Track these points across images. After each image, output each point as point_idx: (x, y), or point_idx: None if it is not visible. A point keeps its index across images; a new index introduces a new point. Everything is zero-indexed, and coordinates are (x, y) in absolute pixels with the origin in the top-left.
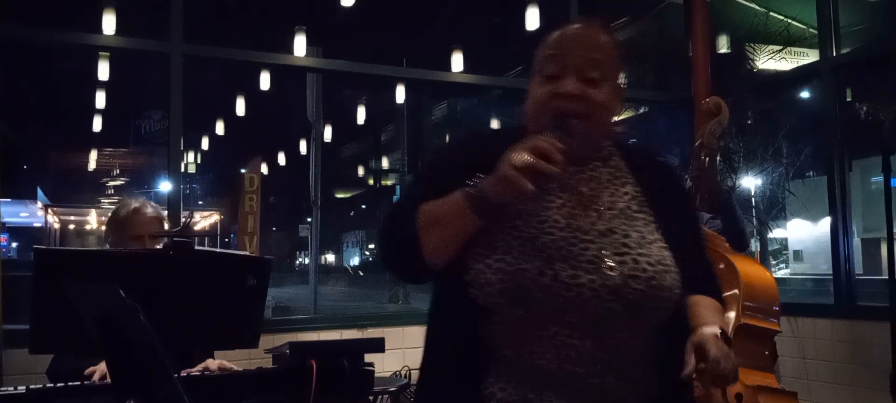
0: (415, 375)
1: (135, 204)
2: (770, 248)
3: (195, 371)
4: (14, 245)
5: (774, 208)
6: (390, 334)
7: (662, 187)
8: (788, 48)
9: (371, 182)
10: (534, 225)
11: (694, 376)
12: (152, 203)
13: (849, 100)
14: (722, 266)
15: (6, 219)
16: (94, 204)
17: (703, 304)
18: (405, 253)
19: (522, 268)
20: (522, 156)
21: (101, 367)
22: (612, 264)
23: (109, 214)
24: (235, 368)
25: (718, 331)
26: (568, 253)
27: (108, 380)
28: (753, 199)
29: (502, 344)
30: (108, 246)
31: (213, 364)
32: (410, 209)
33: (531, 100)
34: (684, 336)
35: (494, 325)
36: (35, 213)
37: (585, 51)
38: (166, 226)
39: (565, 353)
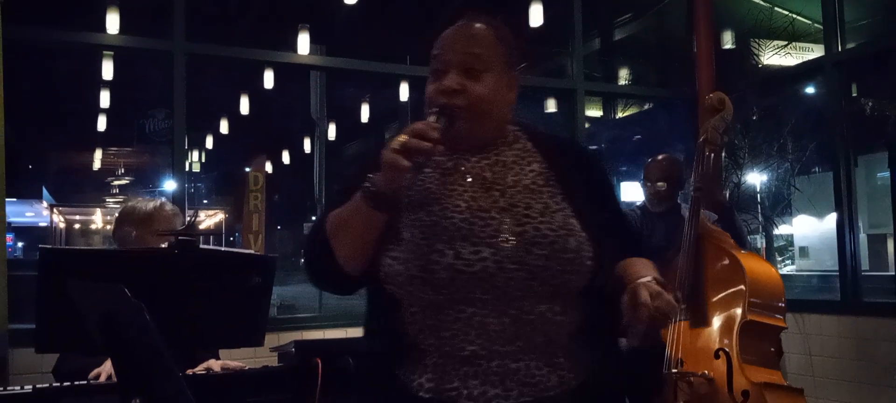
0: None
1: (156, 201)
2: (776, 245)
3: (198, 370)
4: (19, 244)
5: (780, 204)
6: None
7: (571, 163)
8: (793, 43)
9: None
10: (436, 213)
11: (635, 325)
12: (170, 202)
13: (854, 95)
14: (726, 261)
15: (11, 219)
16: (99, 203)
17: (632, 262)
18: (322, 263)
19: (425, 254)
20: (399, 138)
21: (107, 367)
22: (510, 236)
23: (121, 211)
24: (239, 366)
25: (649, 278)
26: (469, 232)
27: (114, 380)
28: (759, 195)
29: (423, 334)
30: (115, 244)
31: (215, 364)
32: (321, 220)
33: (425, 96)
34: (611, 311)
35: (412, 316)
36: (40, 213)
37: (464, 46)
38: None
39: (485, 333)
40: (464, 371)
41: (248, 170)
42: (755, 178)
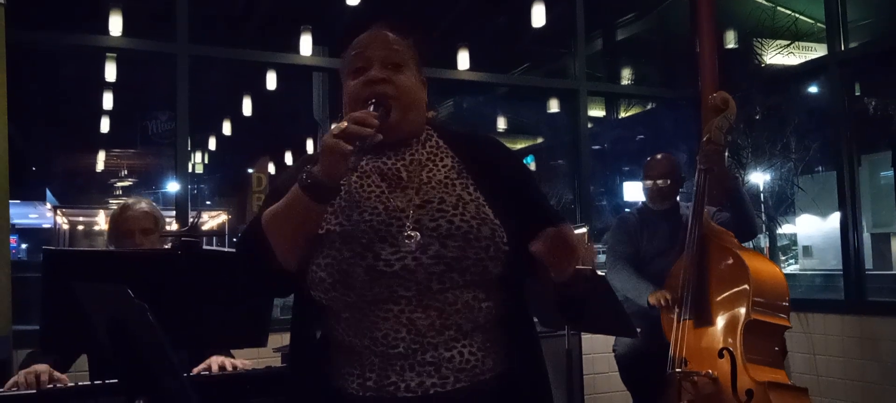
0: None
1: (129, 201)
2: (779, 244)
3: (197, 370)
4: (23, 246)
5: (783, 204)
6: None
7: (482, 155)
8: (796, 43)
9: None
10: (354, 218)
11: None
12: (148, 200)
13: (857, 94)
14: (730, 261)
15: (15, 221)
16: (103, 205)
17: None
18: (257, 260)
19: (346, 258)
20: (339, 125)
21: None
22: (429, 228)
23: None
24: (239, 363)
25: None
26: (387, 234)
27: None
28: (762, 195)
29: (356, 337)
30: (111, 247)
31: (215, 362)
32: (256, 218)
33: (346, 97)
34: (521, 296)
35: (342, 321)
36: (44, 215)
37: (385, 45)
38: (163, 222)
39: (414, 328)
40: (400, 366)
41: (251, 171)
42: (758, 178)
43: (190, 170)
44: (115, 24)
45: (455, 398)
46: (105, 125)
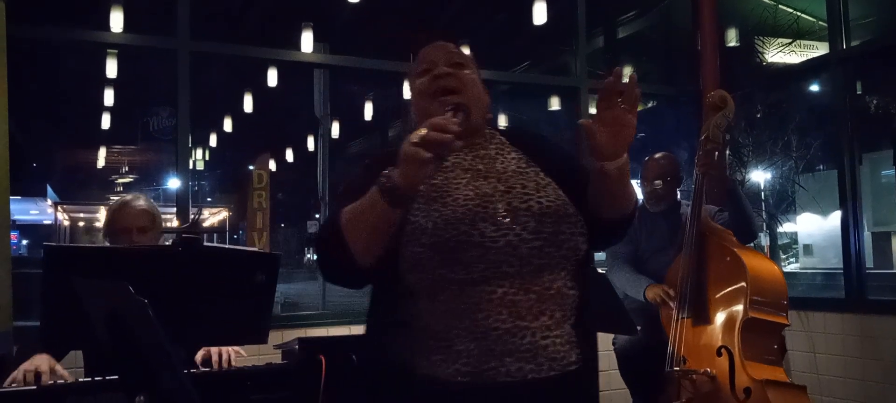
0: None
1: (127, 197)
2: (780, 242)
3: (197, 358)
4: (24, 242)
5: (784, 202)
6: None
7: (540, 148)
8: (798, 41)
9: None
10: (450, 203)
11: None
12: (146, 197)
13: (859, 92)
14: (728, 259)
15: (16, 217)
16: (104, 201)
17: None
18: (335, 257)
19: (452, 236)
20: (419, 132)
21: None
22: (522, 209)
23: None
24: (233, 352)
25: None
26: (485, 214)
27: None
28: (763, 193)
29: (454, 320)
30: (107, 243)
31: (214, 351)
32: (334, 217)
33: (413, 96)
34: (595, 287)
35: (441, 304)
36: (45, 211)
37: (446, 49)
38: (160, 220)
39: (515, 310)
40: (499, 351)
41: (251, 167)
42: (759, 176)
43: (191, 166)
44: (116, 20)
45: (548, 385)
46: (106, 121)
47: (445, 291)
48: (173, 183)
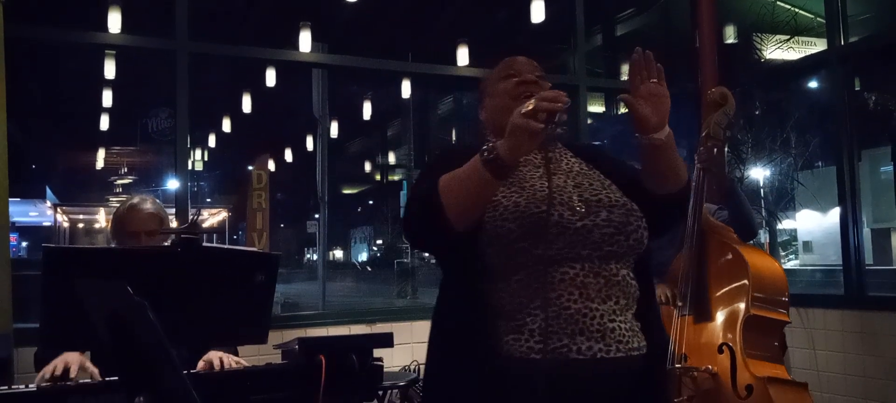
0: (423, 370)
1: (134, 200)
2: (779, 239)
3: (200, 366)
4: (24, 244)
5: (783, 199)
6: (399, 329)
7: (595, 156)
8: (796, 38)
9: (378, 177)
10: (528, 188)
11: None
12: (153, 199)
13: (857, 89)
14: (730, 256)
15: (15, 219)
16: (103, 202)
17: None
18: (431, 220)
19: (534, 214)
20: (528, 104)
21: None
22: (593, 201)
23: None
24: (234, 360)
25: None
26: (561, 200)
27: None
28: (762, 190)
29: (528, 297)
30: (113, 244)
31: (215, 357)
32: (431, 181)
33: (493, 98)
34: (653, 286)
35: (517, 282)
36: (44, 212)
37: (531, 62)
38: (168, 223)
39: (586, 292)
40: (570, 329)
41: (250, 168)
42: (759, 173)
43: (190, 167)
44: (115, 21)
45: (615, 365)
46: (105, 122)
47: (521, 269)
48: (172, 184)
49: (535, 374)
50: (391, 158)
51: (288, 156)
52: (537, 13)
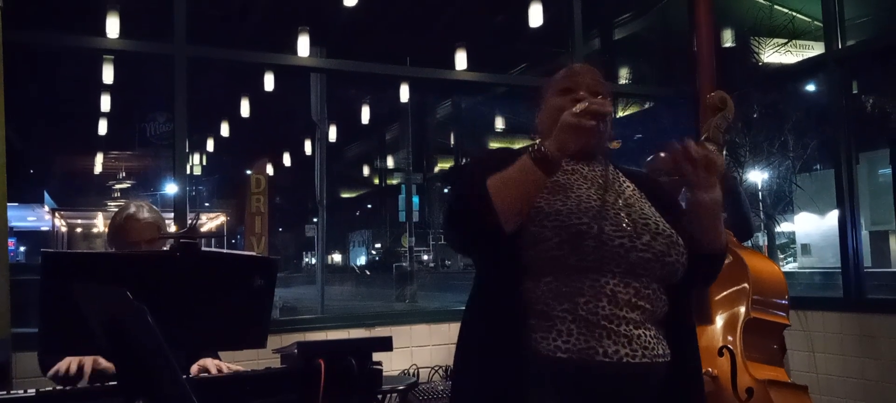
0: (423, 373)
1: (131, 208)
2: (778, 242)
3: (193, 370)
4: (21, 249)
5: (781, 202)
6: (398, 333)
7: (646, 184)
8: (793, 41)
9: (376, 181)
10: (573, 199)
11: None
12: (151, 206)
13: (855, 92)
14: (729, 259)
15: (13, 224)
16: (101, 206)
17: None
18: (480, 218)
19: (575, 225)
20: (577, 107)
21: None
22: (640, 223)
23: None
24: (226, 367)
25: None
26: (606, 217)
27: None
28: (760, 193)
29: (557, 301)
30: (111, 250)
31: (211, 363)
32: (479, 181)
33: (552, 108)
34: (688, 302)
35: (546, 285)
36: (42, 217)
37: (594, 77)
38: (166, 229)
39: (615, 300)
40: (598, 333)
41: (249, 172)
42: (757, 176)
43: (188, 171)
44: (113, 26)
45: (641, 370)
46: (103, 127)
47: (553, 273)
48: (171, 188)
49: (561, 373)
50: (390, 162)
51: (286, 160)
52: (535, 17)
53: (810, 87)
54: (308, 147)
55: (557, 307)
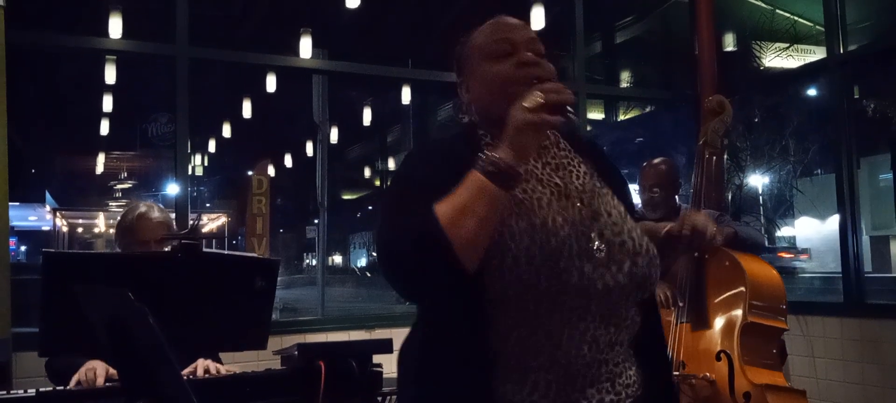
0: None
1: (141, 208)
2: (778, 246)
3: (185, 373)
4: (22, 249)
5: (782, 206)
6: (398, 335)
7: (597, 157)
8: (795, 45)
9: (378, 183)
10: (539, 228)
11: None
12: (160, 206)
13: (856, 96)
14: (727, 264)
15: (15, 223)
16: (102, 207)
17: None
18: (435, 258)
19: (555, 273)
20: (535, 97)
21: (96, 368)
22: (617, 244)
23: (119, 218)
24: (224, 368)
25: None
26: (580, 250)
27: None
28: (761, 197)
29: (531, 353)
30: (118, 250)
31: (201, 366)
32: (422, 213)
33: (491, 80)
34: (656, 311)
35: (512, 337)
36: (43, 217)
37: (529, 32)
38: (175, 229)
39: (596, 344)
40: (580, 383)
41: (250, 173)
42: (757, 180)
43: (190, 172)
44: (115, 27)
45: None
46: (105, 127)
47: (524, 324)
48: (172, 189)
49: None
50: (391, 164)
51: (288, 161)
52: (537, 20)
53: (812, 91)
54: (310, 148)
55: (532, 360)
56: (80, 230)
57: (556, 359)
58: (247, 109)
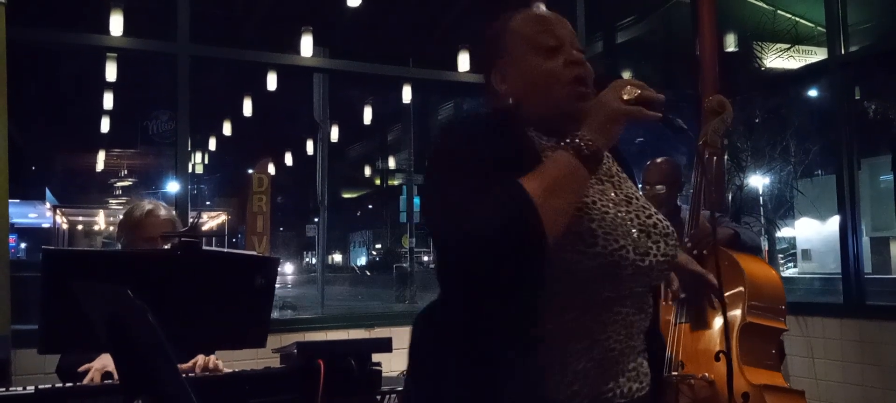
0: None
1: (148, 205)
2: (778, 247)
3: (186, 366)
4: (23, 246)
5: (782, 207)
6: (398, 334)
7: (612, 147)
8: (796, 46)
9: (378, 182)
10: (592, 209)
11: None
12: (165, 204)
13: (857, 97)
14: (726, 264)
15: (15, 220)
16: (102, 204)
17: None
18: (523, 234)
19: (613, 251)
20: (632, 90)
21: (96, 364)
22: (650, 226)
23: (122, 215)
24: (223, 369)
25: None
26: (625, 230)
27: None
28: (761, 198)
29: (574, 339)
30: (120, 247)
31: (200, 361)
32: (513, 193)
33: (537, 73)
34: (657, 300)
35: (562, 322)
36: (43, 214)
37: (570, 29)
38: (179, 228)
39: (628, 330)
40: (614, 371)
41: (251, 171)
42: (758, 181)
43: (190, 170)
44: (116, 24)
45: (645, 401)
46: (105, 125)
47: (580, 307)
48: (172, 186)
49: None
50: (391, 163)
51: (288, 159)
52: None
53: (812, 92)
54: (310, 147)
55: (575, 346)
56: (80, 227)
57: (596, 344)
58: (247, 107)
